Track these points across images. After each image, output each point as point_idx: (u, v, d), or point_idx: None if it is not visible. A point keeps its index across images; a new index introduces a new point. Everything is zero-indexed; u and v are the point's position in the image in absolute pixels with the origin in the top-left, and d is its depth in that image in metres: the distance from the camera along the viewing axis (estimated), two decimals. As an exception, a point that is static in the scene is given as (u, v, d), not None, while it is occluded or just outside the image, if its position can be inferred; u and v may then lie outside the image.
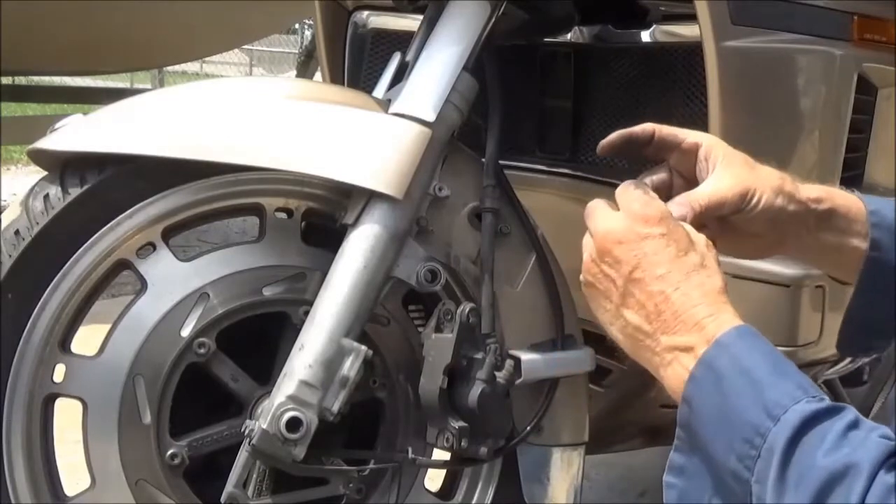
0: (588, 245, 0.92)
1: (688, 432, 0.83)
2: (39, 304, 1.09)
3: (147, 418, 1.11)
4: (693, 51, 1.30)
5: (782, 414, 0.74)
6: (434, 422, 1.16)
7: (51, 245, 1.10)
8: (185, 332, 1.12)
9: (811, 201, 0.98)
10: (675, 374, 0.83)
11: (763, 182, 0.96)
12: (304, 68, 5.32)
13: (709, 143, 0.98)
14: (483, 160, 1.23)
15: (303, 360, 1.08)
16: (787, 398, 0.75)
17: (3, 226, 1.10)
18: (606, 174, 1.46)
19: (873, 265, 0.99)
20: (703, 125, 1.29)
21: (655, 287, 0.85)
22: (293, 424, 1.06)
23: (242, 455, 1.09)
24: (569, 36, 1.49)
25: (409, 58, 1.22)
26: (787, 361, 0.82)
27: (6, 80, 4.16)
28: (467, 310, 1.14)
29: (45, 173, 1.14)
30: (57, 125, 1.13)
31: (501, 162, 1.24)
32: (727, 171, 0.96)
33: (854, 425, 0.72)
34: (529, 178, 1.52)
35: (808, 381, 0.78)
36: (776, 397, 0.76)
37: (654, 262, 0.85)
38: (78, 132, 1.11)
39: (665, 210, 0.89)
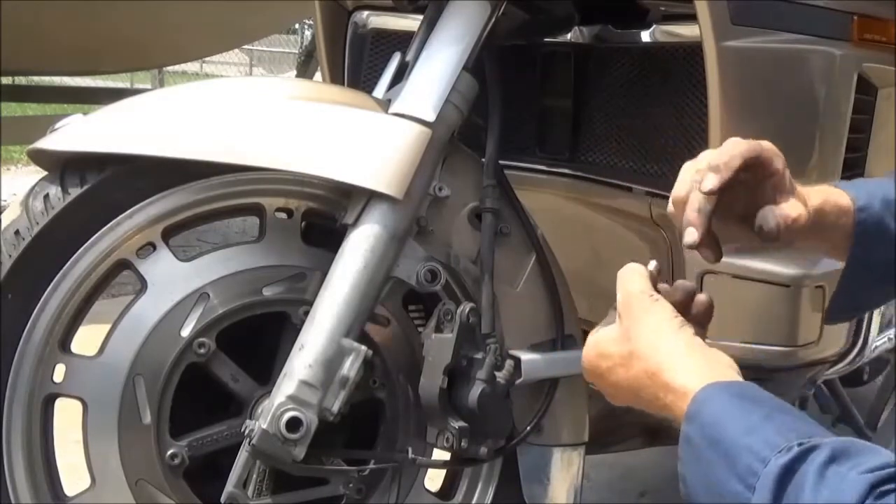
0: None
1: None
2: (39, 304, 1.09)
3: (147, 418, 1.11)
4: (693, 51, 1.30)
5: (756, 481, 0.73)
6: (434, 422, 1.16)
7: (51, 245, 1.10)
8: (185, 332, 1.12)
9: (815, 210, 0.99)
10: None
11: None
12: (304, 68, 5.32)
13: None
14: (483, 160, 1.23)
15: (303, 360, 1.08)
16: (757, 462, 0.74)
17: (3, 226, 1.10)
18: (606, 174, 1.46)
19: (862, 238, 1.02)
20: (703, 125, 1.30)
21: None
22: (293, 424, 1.06)
23: (242, 455, 1.09)
24: (569, 36, 1.49)
25: (409, 58, 1.22)
26: (758, 402, 0.80)
27: (6, 80, 4.16)
28: (467, 310, 1.14)
29: (45, 173, 1.14)
30: (57, 125, 1.13)
31: (501, 162, 1.24)
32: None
33: (831, 460, 0.71)
34: (529, 178, 1.52)
35: (780, 423, 0.77)
36: (747, 462, 0.74)
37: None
38: (78, 132, 1.11)
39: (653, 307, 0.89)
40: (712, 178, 0.90)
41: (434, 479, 1.29)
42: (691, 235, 0.90)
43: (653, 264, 0.93)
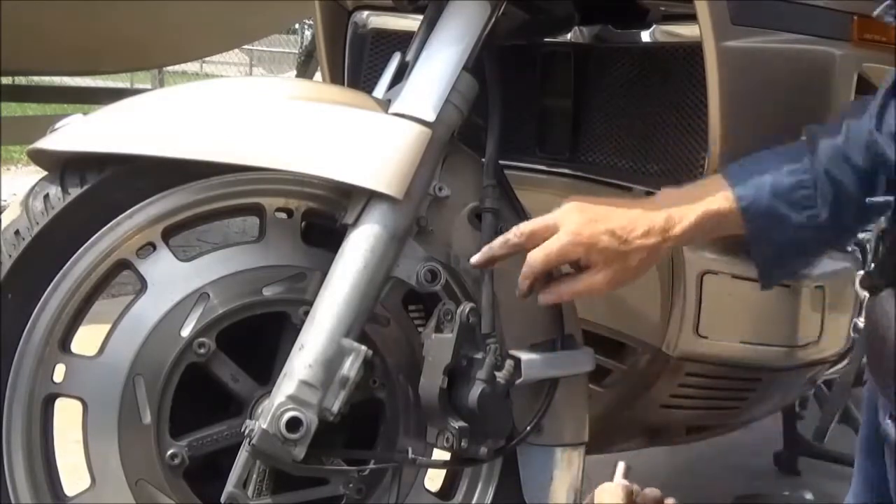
0: None
1: None
2: (39, 304, 1.09)
3: (147, 418, 1.11)
4: (693, 51, 1.30)
5: None
6: (434, 422, 1.16)
7: (51, 245, 1.10)
8: (185, 332, 1.12)
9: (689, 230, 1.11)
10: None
11: None
12: (304, 68, 5.32)
13: None
14: (483, 160, 1.23)
15: (303, 360, 1.08)
16: None
17: (3, 226, 1.10)
18: (606, 174, 1.46)
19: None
20: (703, 125, 1.30)
21: None
22: (293, 424, 1.06)
23: (242, 455, 1.09)
24: (569, 36, 1.50)
25: (409, 58, 1.22)
26: None
27: (6, 80, 4.16)
28: (467, 310, 1.14)
29: (45, 173, 1.14)
30: (57, 125, 1.13)
31: (501, 162, 1.24)
32: None
33: None
34: (529, 178, 1.52)
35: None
36: None
37: None
38: (78, 132, 1.11)
39: None
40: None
41: (434, 479, 1.29)
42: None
43: (621, 466, 1.15)
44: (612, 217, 1.10)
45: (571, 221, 1.10)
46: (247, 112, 1.12)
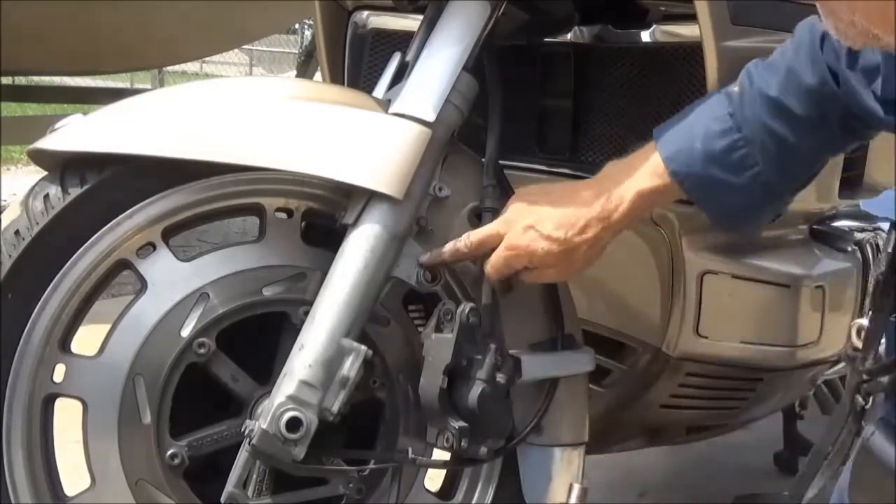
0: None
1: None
2: (39, 304, 1.09)
3: (147, 418, 1.11)
4: (693, 51, 1.30)
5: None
6: (434, 422, 1.16)
7: (51, 245, 1.10)
8: (185, 332, 1.12)
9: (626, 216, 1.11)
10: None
11: None
12: (304, 68, 5.32)
13: None
14: (483, 160, 1.23)
15: (303, 360, 1.08)
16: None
17: (3, 226, 1.10)
18: (606, 174, 1.46)
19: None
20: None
21: None
22: (293, 424, 1.06)
23: (242, 455, 1.09)
24: (569, 36, 1.49)
25: (409, 58, 1.22)
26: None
27: (6, 80, 4.16)
28: (467, 310, 1.14)
29: (45, 173, 1.14)
30: (57, 125, 1.13)
31: (501, 162, 1.24)
32: None
33: None
34: (529, 178, 1.52)
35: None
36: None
37: None
38: (78, 132, 1.11)
39: None
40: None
41: (434, 479, 1.29)
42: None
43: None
44: (548, 219, 1.11)
45: (511, 233, 1.12)
46: (247, 112, 1.12)
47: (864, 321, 1.07)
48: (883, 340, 1.04)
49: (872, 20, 0.78)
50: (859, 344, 1.06)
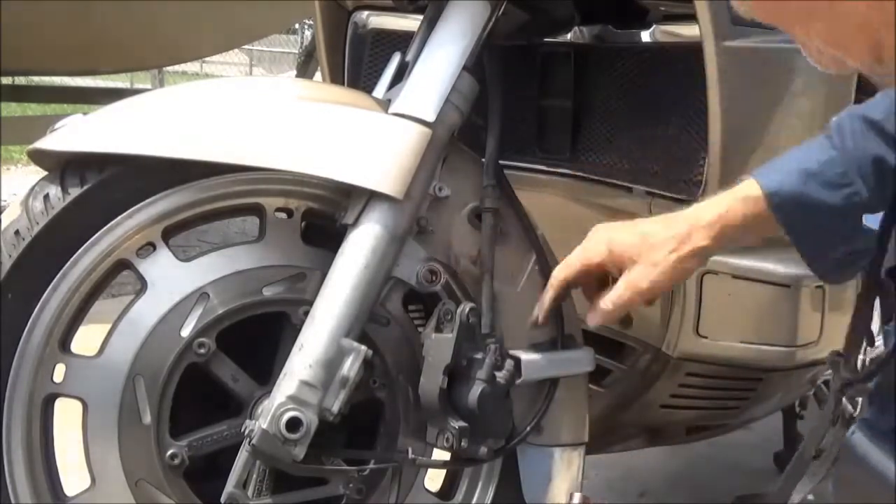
0: None
1: None
2: (39, 304, 1.09)
3: (147, 418, 1.11)
4: (693, 51, 1.30)
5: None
6: (434, 422, 1.16)
7: (51, 245, 1.10)
8: (185, 332, 1.12)
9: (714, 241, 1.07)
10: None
11: None
12: (304, 68, 5.32)
13: None
14: (483, 160, 1.23)
15: (303, 360, 1.08)
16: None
17: (3, 226, 1.10)
18: (606, 174, 1.46)
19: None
20: (703, 125, 1.29)
21: None
22: (293, 424, 1.06)
23: (242, 455, 1.09)
24: (569, 36, 1.49)
25: (409, 58, 1.22)
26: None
27: (6, 80, 4.16)
28: (467, 310, 1.14)
29: (45, 173, 1.14)
30: (57, 125, 1.13)
31: (501, 162, 1.24)
32: None
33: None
34: (529, 178, 1.52)
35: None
36: None
37: None
38: (78, 132, 1.11)
39: None
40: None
41: (434, 479, 1.29)
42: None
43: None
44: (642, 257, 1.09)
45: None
46: (247, 112, 1.12)
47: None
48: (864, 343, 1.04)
49: (829, 43, 0.78)
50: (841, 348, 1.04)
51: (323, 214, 1.20)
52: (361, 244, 1.12)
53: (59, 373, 1.11)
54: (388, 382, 1.20)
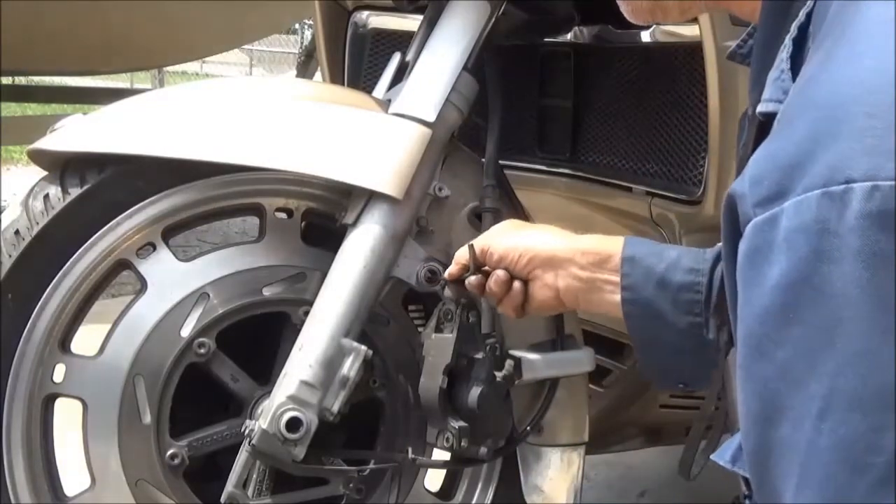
0: None
1: None
2: (39, 304, 1.09)
3: (147, 418, 1.11)
4: (693, 51, 1.30)
5: None
6: (434, 422, 1.16)
7: (51, 245, 1.10)
8: (185, 332, 1.12)
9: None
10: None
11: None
12: (304, 68, 5.32)
13: None
14: (483, 160, 1.23)
15: (303, 360, 1.08)
16: None
17: (3, 226, 1.10)
18: (606, 174, 1.46)
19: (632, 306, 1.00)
20: (702, 125, 1.30)
21: None
22: (293, 424, 1.06)
23: (242, 455, 1.09)
24: (569, 36, 1.49)
25: (409, 58, 1.22)
26: None
27: (6, 80, 4.16)
28: (467, 310, 1.14)
29: (45, 173, 1.14)
30: (57, 125, 1.13)
31: (501, 162, 1.24)
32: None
33: None
34: (529, 178, 1.52)
35: None
36: None
37: None
38: (78, 132, 1.11)
39: None
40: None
41: (434, 479, 1.29)
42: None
43: None
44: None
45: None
46: (247, 112, 1.12)
47: None
48: None
49: None
50: None
51: (323, 214, 1.20)
52: (361, 244, 1.12)
53: (59, 373, 1.11)
54: (388, 382, 1.20)
